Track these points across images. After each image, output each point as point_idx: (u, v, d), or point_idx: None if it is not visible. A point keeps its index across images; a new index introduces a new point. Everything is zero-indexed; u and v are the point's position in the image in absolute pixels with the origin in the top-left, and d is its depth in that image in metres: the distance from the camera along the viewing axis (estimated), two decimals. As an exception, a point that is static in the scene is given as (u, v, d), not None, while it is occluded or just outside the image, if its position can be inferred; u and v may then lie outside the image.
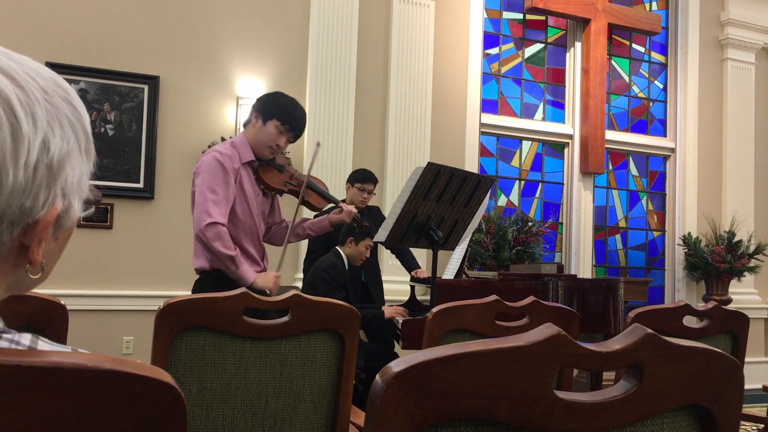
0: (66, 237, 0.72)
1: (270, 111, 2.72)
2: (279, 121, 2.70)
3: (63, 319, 1.46)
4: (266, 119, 2.71)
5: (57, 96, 0.67)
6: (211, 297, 1.53)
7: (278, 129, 2.71)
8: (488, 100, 5.77)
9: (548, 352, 0.65)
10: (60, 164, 0.65)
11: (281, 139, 2.72)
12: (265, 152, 2.76)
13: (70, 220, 0.70)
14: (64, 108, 0.67)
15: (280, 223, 3.00)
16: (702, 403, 0.73)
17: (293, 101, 2.77)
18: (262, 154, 2.77)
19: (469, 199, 2.89)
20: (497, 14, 5.88)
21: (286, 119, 2.70)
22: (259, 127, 2.73)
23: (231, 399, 1.57)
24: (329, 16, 4.98)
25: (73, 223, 0.72)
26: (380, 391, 0.61)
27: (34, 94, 0.65)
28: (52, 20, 4.44)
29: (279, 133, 2.71)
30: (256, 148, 2.76)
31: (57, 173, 0.65)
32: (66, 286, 4.33)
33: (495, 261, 5.21)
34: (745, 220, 6.20)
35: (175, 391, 0.54)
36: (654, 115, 6.44)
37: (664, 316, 2.01)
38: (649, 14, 6.24)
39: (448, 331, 1.82)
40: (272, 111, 2.71)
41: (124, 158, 4.54)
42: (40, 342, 0.62)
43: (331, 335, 1.64)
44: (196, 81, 4.74)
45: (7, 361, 0.50)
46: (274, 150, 2.76)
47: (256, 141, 2.74)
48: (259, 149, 2.76)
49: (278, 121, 2.70)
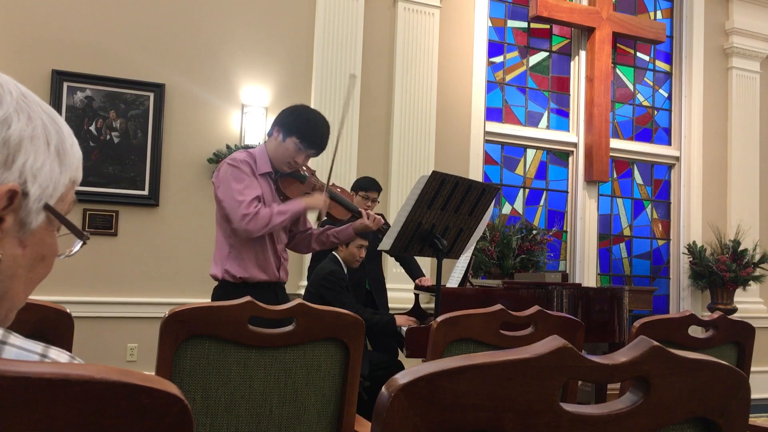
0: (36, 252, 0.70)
1: (291, 127, 2.65)
2: (298, 139, 2.64)
3: (69, 328, 1.46)
4: (286, 135, 2.65)
5: (35, 103, 0.69)
6: (216, 305, 1.53)
7: (297, 146, 2.65)
8: (493, 109, 5.78)
9: (554, 364, 0.65)
10: (19, 144, 0.65)
11: (300, 156, 2.67)
12: (283, 167, 2.72)
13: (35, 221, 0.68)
14: (39, 111, 0.69)
15: (305, 231, 2.93)
16: (708, 415, 0.73)
17: (316, 117, 2.71)
18: (281, 168, 2.73)
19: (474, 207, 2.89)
20: (502, 23, 5.89)
21: (306, 139, 2.64)
22: (279, 142, 2.67)
23: (235, 408, 1.56)
24: (334, 24, 5.00)
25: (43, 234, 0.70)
26: (386, 403, 0.61)
27: (9, 89, 0.67)
28: (58, 28, 4.47)
29: (297, 150, 2.65)
30: (275, 162, 2.71)
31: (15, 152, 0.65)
32: (70, 292, 4.34)
33: (499, 269, 5.20)
34: (750, 229, 6.18)
35: (182, 402, 0.54)
36: (659, 124, 6.44)
37: (670, 326, 2.00)
38: (653, 23, 6.24)
39: (453, 340, 1.82)
40: (293, 128, 2.65)
41: (130, 165, 4.55)
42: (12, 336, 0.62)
43: (335, 344, 1.63)
44: (202, 89, 4.76)
45: (14, 372, 0.50)
46: (293, 166, 2.70)
47: (275, 155, 2.69)
48: (278, 163, 2.71)
49: (297, 139, 2.64)
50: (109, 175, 4.50)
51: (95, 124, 4.49)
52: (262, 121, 4.82)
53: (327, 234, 2.91)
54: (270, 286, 2.71)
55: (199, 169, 4.70)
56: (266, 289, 2.67)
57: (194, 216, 4.67)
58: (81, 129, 4.45)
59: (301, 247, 2.97)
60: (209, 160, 4.69)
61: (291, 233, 2.88)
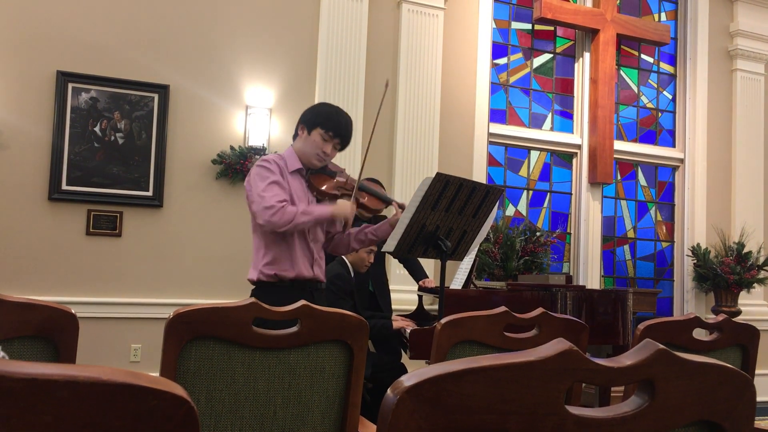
0: None
1: (313, 120, 2.77)
2: (323, 129, 2.75)
3: (73, 328, 1.46)
4: (311, 129, 2.77)
5: None
6: (221, 307, 1.53)
7: (323, 137, 2.75)
8: (496, 110, 5.77)
9: (560, 367, 0.65)
10: None
11: (327, 146, 2.77)
12: (313, 161, 2.79)
13: None
14: None
15: (342, 231, 2.93)
16: (714, 419, 0.73)
17: (336, 108, 2.83)
18: (311, 163, 2.80)
19: (478, 209, 2.89)
20: (506, 24, 5.89)
21: (329, 126, 2.75)
22: (305, 137, 2.78)
23: (239, 409, 1.57)
24: (338, 26, 5.00)
25: None
26: (392, 405, 0.61)
27: None
28: (63, 29, 4.48)
29: (324, 140, 2.75)
30: (304, 158, 2.79)
31: None
32: (74, 293, 4.35)
33: (503, 271, 5.20)
34: (754, 231, 6.16)
35: (189, 404, 0.55)
36: (663, 126, 6.43)
37: (674, 329, 2.00)
38: (658, 25, 6.24)
39: (457, 342, 1.82)
40: (316, 120, 2.77)
41: (134, 166, 4.56)
42: None
43: (339, 346, 1.64)
44: (206, 90, 4.77)
45: (22, 373, 0.50)
46: (322, 157, 2.78)
47: (303, 151, 2.78)
48: (308, 159, 2.79)
49: (322, 129, 2.75)
50: (113, 175, 4.51)
51: (100, 125, 4.50)
52: (266, 122, 4.83)
53: (365, 232, 2.93)
54: (305, 285, 2.72)
55: (204, 170, 4.71)
56: (301, 289, 2.68)
57: (198, 217, 4.68)
58: (86, 130, 4.46)
59: (341, 248, 2.99)
60: (213, 161, 4.70)
61: (328, 234, 2.91)
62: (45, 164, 4.39)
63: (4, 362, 0.50)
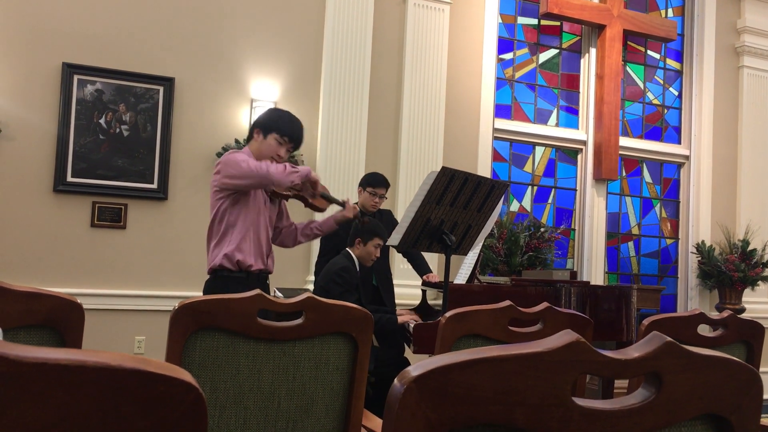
0: None
1: (269, 125, 2.94)
2: (278, 133, 2.92)
3: (79, 318, 1.47)
4: (267, 133, 2.94)
5: None
6: (226, 298, 1.53)
7: (278, 140, 2.93)
8: (502, 105, 5.76)
9: (567, 358, 0.65)
10: None
11: (281, 149, 2.94)
12: None
13: None
14: None
15: (289, 226, 3.21)
16: (720, 412, 0.73)
17: (290, 114, 3.03)
18: None
19: (483, 204, 2.89)
20: (512, 19, 5.87)
21: (284, 131, 2.93)
22: (261, 141, 2.95)
23: (244, 400, 1.57)
24: (344, 20, 4.99)
25: None
26: (399, 395, 0.61)
27: None
28: (69, 21, 4.48)
29: (279, 144, 2.93)
30: (260, 159, 2.95)
31: None
32: (79, 284, 4.36)
33: (507, 266, 5.19)
34: (759, 229, 6.15)
35: (197, 391, 0.55)
36: (668, 122, 6.41)
37: (679, 325, 2.00)
38: (664, 21, 6.21)
39: (461, 336, 1.82)
40: (272, 125, 2.94)
41: (139, 159, 4.57)
42: None
43: (344, 338, 1.64)
44: (211, 83, 4.76)
45: (32, 357, 0.50)
46: (276, 160, 2.94)
47: (259, 153, 2.94)
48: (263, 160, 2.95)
49: (278, 134, 2.92)
50: (118, 168, 4.51)
51: (105, 117, 4.51)
52: (271, 115, 4.82)
53: (311, 227, 3.21)
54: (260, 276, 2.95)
55: (208, 163, 4.71)
56: (257, 279, 2.91)
57: (203, 209, 4.67)
58: (91, 122, 4.47)
59: (288, 240, 3.23)
60: (218, 154, 4.69)
61: (276, 229, 3.15)
62: (50, 156, 4.40)
63: (14, 346, 0.50)
